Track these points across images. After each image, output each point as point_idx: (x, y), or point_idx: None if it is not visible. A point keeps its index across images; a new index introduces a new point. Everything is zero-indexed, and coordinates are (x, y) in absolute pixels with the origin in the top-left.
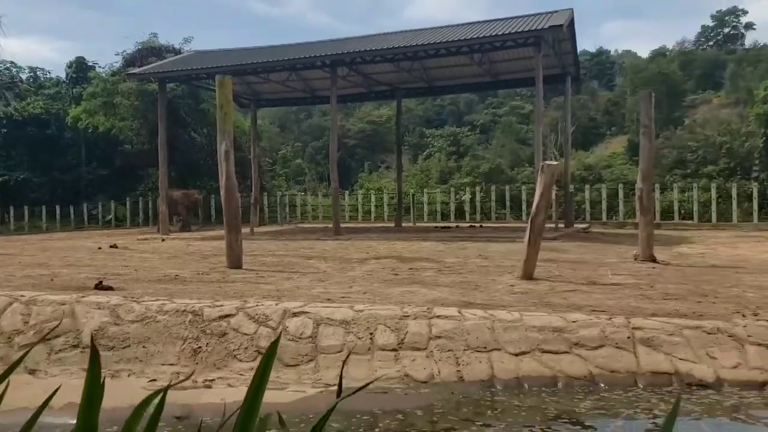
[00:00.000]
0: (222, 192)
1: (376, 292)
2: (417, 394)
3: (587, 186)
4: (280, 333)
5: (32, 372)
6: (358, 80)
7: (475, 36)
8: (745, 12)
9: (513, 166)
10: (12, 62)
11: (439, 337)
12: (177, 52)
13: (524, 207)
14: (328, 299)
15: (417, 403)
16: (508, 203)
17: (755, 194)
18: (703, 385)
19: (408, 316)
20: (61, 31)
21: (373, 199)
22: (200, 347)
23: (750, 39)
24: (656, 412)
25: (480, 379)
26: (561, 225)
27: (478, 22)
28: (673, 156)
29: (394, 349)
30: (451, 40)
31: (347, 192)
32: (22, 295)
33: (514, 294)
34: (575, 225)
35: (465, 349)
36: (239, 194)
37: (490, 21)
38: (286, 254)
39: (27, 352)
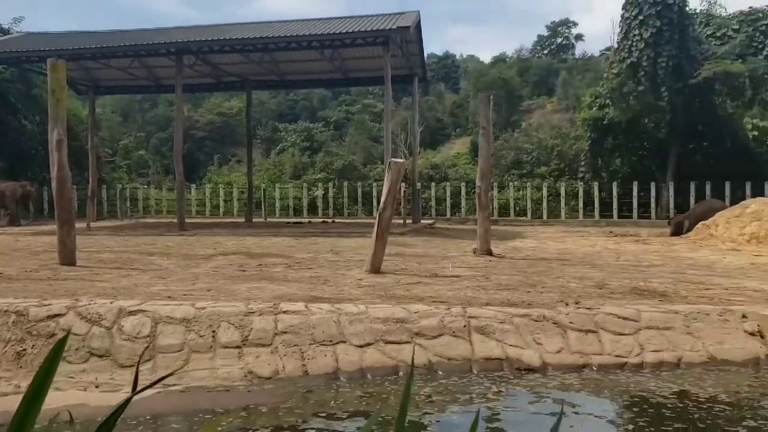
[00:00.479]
0: (53, 184)
1: (221, 289)
2: (261, 390)
3: (433, 184)
4: (69, 330)
5: None
6: (205, 70)
7: (325, 32)
8: (575, 24)
9: (366, 163)
10: None
11: (285, 333)
12: (5, 32)
13: (376, 203)
14: (169, 297)
15: (261, 400)
16: (360, 199)
17: (581, 193)
18: (530, 369)
19: (253, 312)
20: None
21: (221, 193)
22: (25, 350)
23: (579, 49)
24: (489, 396)
25: (325, 373)
26: (409, 221)
27: (330, 18)
28: (511, 157)
29: (237, 347)
30: (301, 34)
31: (194, 186)
32: None
33: (361, 287)
34: (422, 221)
35: (311, 344)
36: (74, 186)
37: (342, 18)
38: (126, 250)
39: None
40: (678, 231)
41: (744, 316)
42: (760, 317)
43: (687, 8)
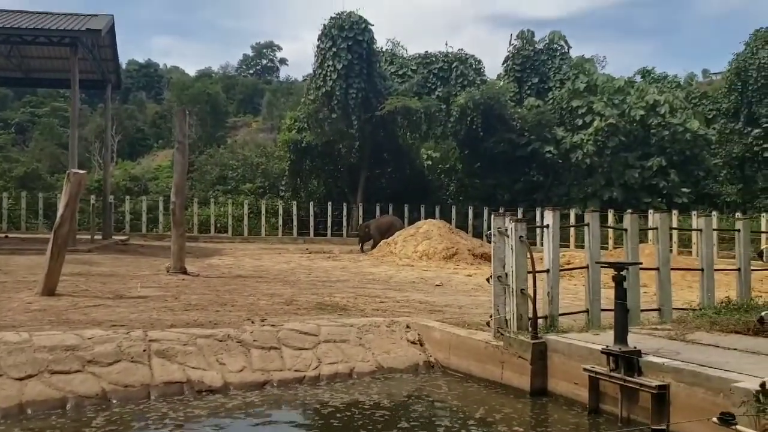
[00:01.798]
0: None
1: None
2: None
3: (128, 197)
4: None
5: None
6: None
7: (4, 25)
8: (280, 48)
9: (53, 171)
10: None
11: None
12: None
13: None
14: None
15: None
16: (41, 211)
17: (281, 211)
18: (211, 390)
19: None
20: None
21: None
22: None
23: (284, 73)
24: (166, 421)
25: None
26: (98, 236)
27: (11, 11)
28: (216, 172)
29: None
30: None
31: None
32: None
33: (30, 312)
34: (114, 237)
35: None
36: None
37: (25, 12)
38: None
39: None
40: (364, 236)
41: (408, 327)
42: (420, 327)
43: (375, 46)
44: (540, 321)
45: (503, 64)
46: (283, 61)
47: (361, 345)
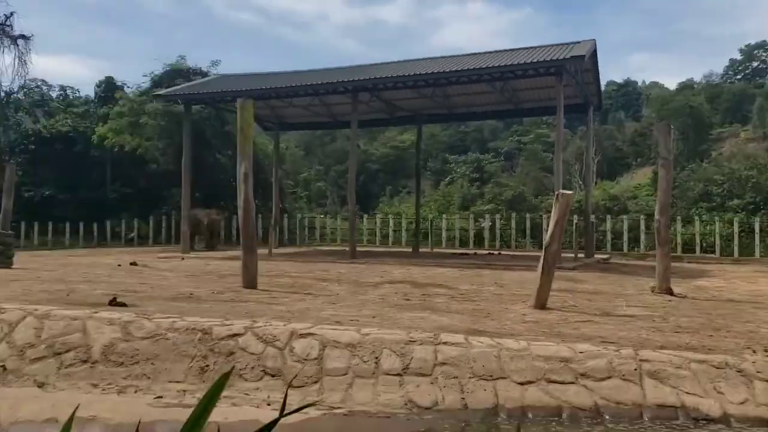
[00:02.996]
0: (239, 213)
1: (385, 317)
2: (420, 420)
3: (609, 216)
4: (234, 366)
5: (41, 385)
6: (379, 106)
7: (496, 64)
8: None
9: (537, 194)
10: (43, 80)
11: (445, 364)
12: (204, 74)
13: (545, 236)
14: (337, 322)
15: (420, 429)
16: (528, 231)
17: None
18: (709, 420)
19: (414, 341)
20: (92, 51)
21: (391, 223)
22: (208, 365)
23: None
24: None
25: (484, 408)
26: (581, 255)
27: (501, 51)
28: (699, 189)
29: (398, 374)
30: (472, 68)
31: (366, 216)
32: (35, 309)
33: (525, 323)
34: (596, 255)
35: (470, 377)
36: (259, 215)
37: (513, 50)
38: (301, 276)
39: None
40: None
41: None
42: None
43: None
44: None
45: None
46: None
47: None
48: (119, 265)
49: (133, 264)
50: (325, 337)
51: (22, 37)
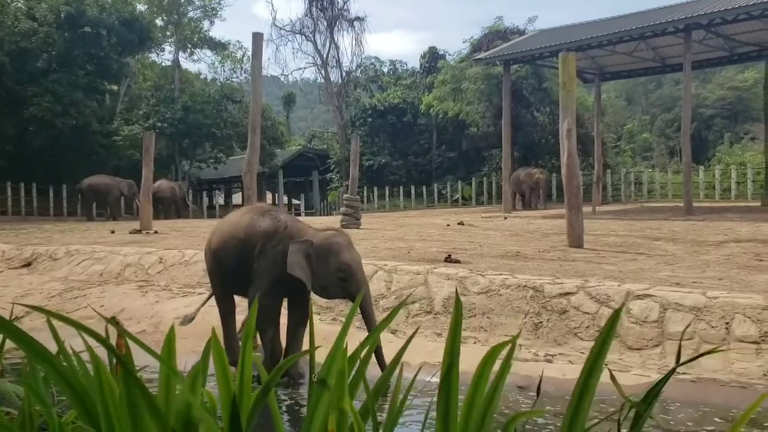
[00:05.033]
0: (563, 170)
1: (734, 279)
2: None
3: None
4: (617, 313)
5: (393, 332)
6: (716, 43)
7: None
8: None
9: None
10: (376, 57)
11: None
12: (521, 33)
13: None
14: (677, 283)
15: None
16: None
17: None
18: None
19: None
20: (416, 24)
21: (733, 175)
22: (541, 322)
23: None
24: None
25: None
26: None
27: None
28: None
29: (755, 342)
30: None
31: (702, 167)
32: (385, 264)
33: None
34: None
35: None
36: (581, 172)
37: None
38: (630, 234)
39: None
40: None
41: None
42: None
43: None
44: None
45: None
46: None
47: None
48: (448, 225)
49: (460, 224)
50: (666, 299)
51: (357, 19)
